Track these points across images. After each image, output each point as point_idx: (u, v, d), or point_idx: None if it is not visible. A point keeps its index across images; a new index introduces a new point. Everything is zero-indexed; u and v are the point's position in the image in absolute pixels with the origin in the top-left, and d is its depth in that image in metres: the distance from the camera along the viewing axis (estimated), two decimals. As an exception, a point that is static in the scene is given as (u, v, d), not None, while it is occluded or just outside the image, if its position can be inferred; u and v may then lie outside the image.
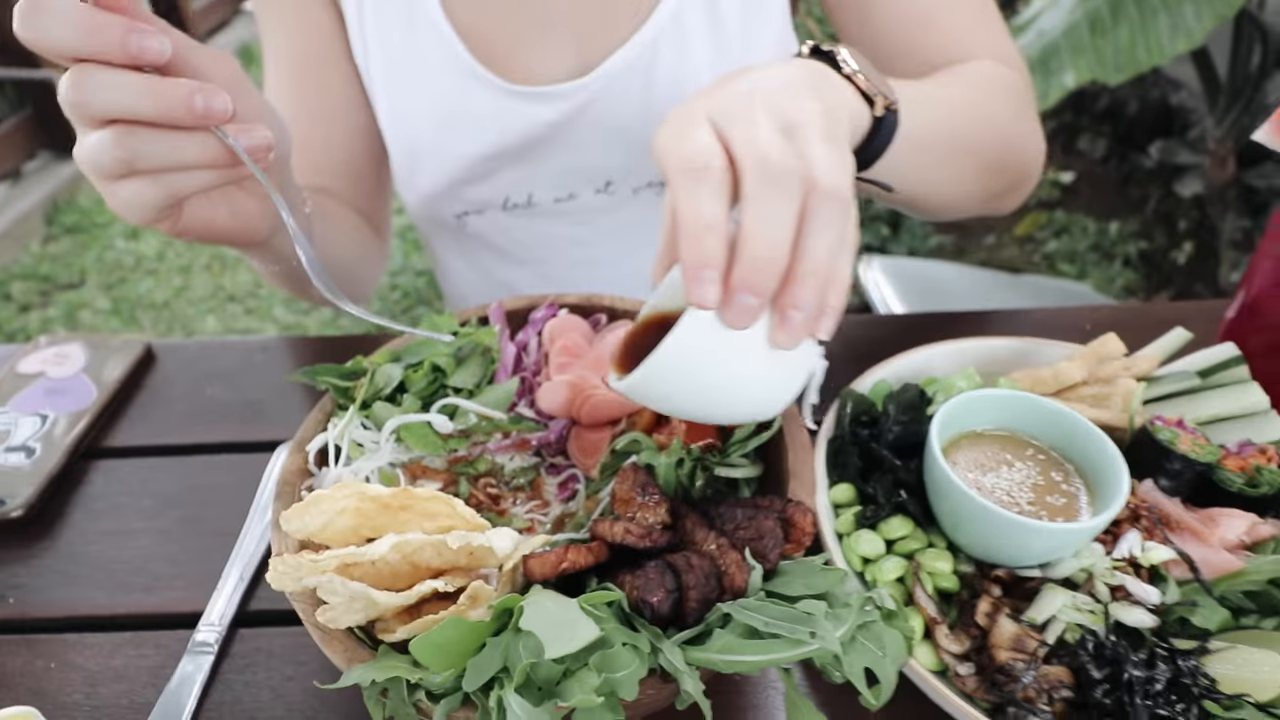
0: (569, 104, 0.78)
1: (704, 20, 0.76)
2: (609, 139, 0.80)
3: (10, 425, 0.68)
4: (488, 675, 0.35)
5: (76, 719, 0.51)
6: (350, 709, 0.51)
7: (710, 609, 0.39)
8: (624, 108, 0.79)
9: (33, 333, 2.66)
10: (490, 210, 0.86)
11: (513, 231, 0.88)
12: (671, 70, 0.77)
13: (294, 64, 0.81)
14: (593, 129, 0.80)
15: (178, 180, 0.47)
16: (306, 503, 0.41)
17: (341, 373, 0.55)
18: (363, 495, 0.41)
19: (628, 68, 0.77)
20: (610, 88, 0.78)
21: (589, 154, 0.81)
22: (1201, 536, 0.50)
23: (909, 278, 1.25)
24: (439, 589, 0.41)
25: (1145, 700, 0.43)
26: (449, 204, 0.85)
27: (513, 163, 0.82)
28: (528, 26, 0.77)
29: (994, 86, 0.68)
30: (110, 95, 0.44)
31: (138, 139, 0.45)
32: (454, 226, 0.88)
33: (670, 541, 0.43)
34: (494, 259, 0.91)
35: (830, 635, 0.35)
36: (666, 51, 0.77)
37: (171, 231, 0.51)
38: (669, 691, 0.38)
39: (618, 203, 0.85)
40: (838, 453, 0.57)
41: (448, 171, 0.82)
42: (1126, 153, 3.29)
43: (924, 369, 0.64)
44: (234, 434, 0.71)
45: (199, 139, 0.46)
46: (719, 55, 0.78)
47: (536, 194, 0.84)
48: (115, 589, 0.59)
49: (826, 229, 0.38)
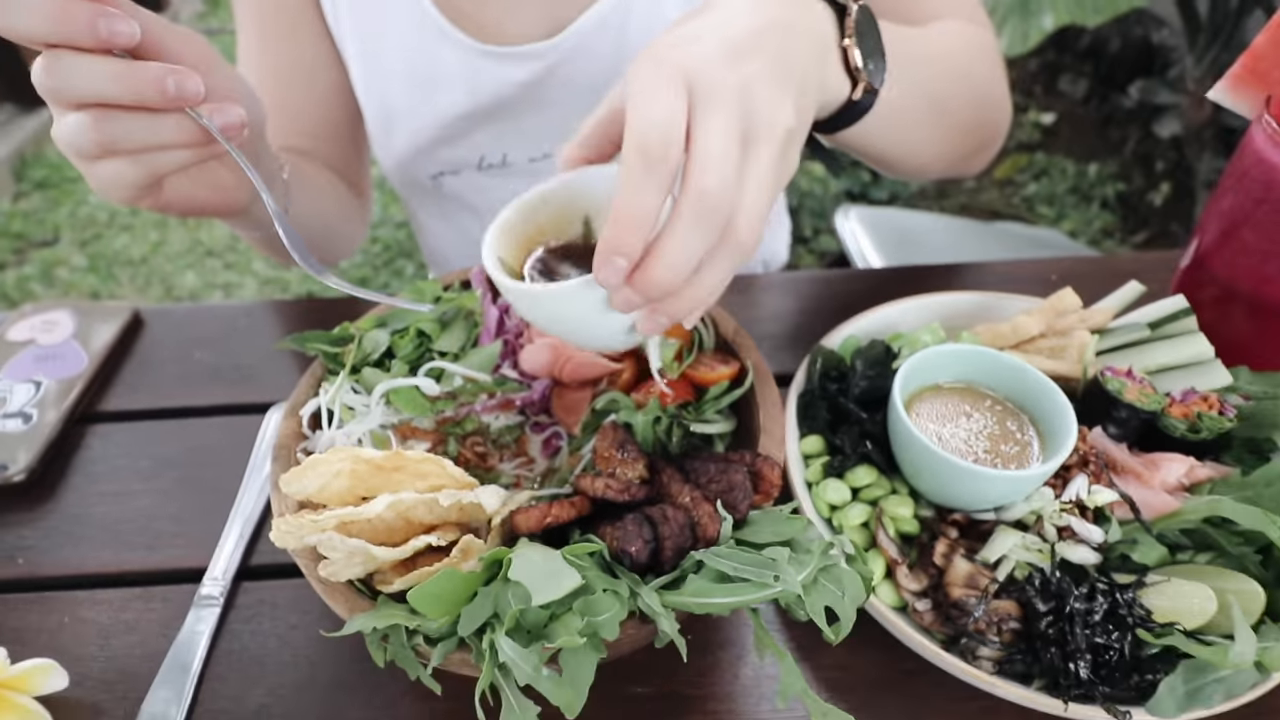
0: (541, 63, 0.78)
1: None
2: (582, 97, 0.81)
3: (5, 392, 0.70)
4: (480, 621, 0.38)
5: (93, 669, 0.54)
6: (352, 653, 0.54)
7: (685, 556, 0.42)
8: (596, 65, 0.79)
9: (9, 291, 2.63)
10: (466, 170, 0.86)
11: (489, 191, 0.89)
12: (644, 25, 0.77)
13: (264, 26, 0.80)
14: (565, 87, 0.80)
15: (156, 159, 0.48)
16: (304, 466, 0.43)
17: (330, 339, 0.57)
18: (357, 458, 0.43)
19: (600, 24, 0.77)
20: (582, 46, 0.78)
21: (562, 113, 0.82)
22: (1144, 479, 0.54)
23: (884, 228, 1.27)
24: (432, 543, 0.44)
25: (1085, 630, 0.47)
26: (424, 165, 0.86)
27: (486, 123, 0.82)
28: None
29: (969, 46, 0.69)
30: (83, 81, 0.45)
31: (114, 122, 0.46)
32: (430, 187, 0.88)
33: (648, 495, 0.46)
34: (471, 218, 0.92)
35: (792, 578, 0.38)
36: (640, 4, 0.77)
37: (154, 207, 0.52)
38: (647, 632, 0.42)
39: None
40: (808, 406, 0.60)
41: (421, 132, 0.82)
42: (1107, 93, 3.28)
43: (892, 324, 0.67)
44: (224, 397, 0.73)
45: (174, 120, 0.48)
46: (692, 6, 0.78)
47: (511, 154, 0.85)
48: (120, 547, 0.62)
49: (722, 267, 0.40)
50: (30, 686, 0.51)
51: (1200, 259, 0.61)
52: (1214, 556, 0.52)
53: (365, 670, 0.53)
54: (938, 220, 1.34)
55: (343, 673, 0.54)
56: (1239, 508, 0.49)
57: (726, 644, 0.54)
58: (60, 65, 0.45)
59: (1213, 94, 0.59)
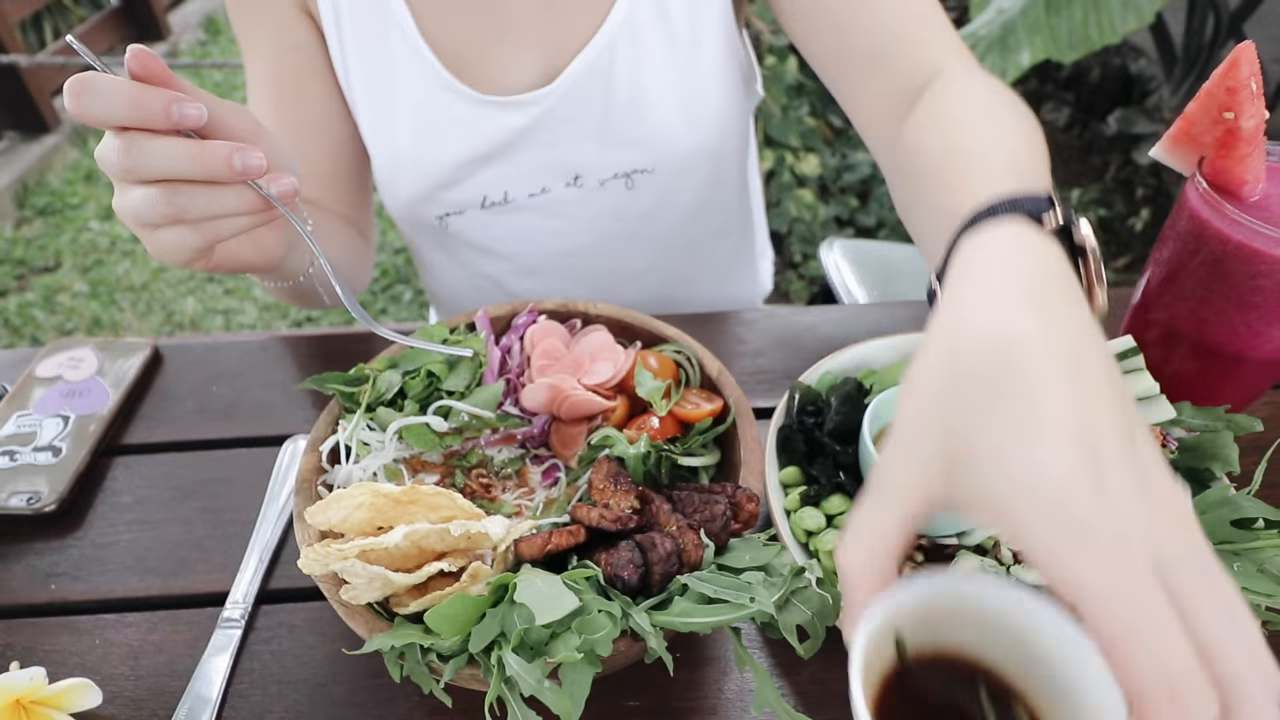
0: (538, 108, 0.84)
1: (654, 17, 0.82)
2: (575, 137, 0.87)
3: (36, 426, 0.74)
4: (488, 639, 0.43)
5: (123, 688, 0.58)
6: (366, 671, 0.58)
7: (671, 580, 0.47)
8: (587, 108, 0.85)
9: (10, 317, 2.67)
10: (470, 210, 0.92)
11: (492, 228, 0.94)
12: (629, 68, 0.83)
13: (276, 80, 0.85)
14: (560, 128, 0.86)
15: (218, 226, 0.53)
16: (329, 500, 0.48)
17: (346, 379, 0.61)
18: (376, 492, 0.48)
19: (589, 70, 0.83)
20: (573, 90, 0.84)
21: (558, 151, 0.88)
22: (1093, 506, 0.59)
23: (868, 260, 1.32)
24: (443, 569, 0.48)
25: (1035, 645, 0.52)
26: (430, 208, 0.91)
27: (487, 165, 0.88)
28: (493, 40, 0.82)
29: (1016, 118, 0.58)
30: (158, 161, 0.49)
31: (183, 196, 0.51)
32: (436, 228, 0.94)
33: (639, 523, 0.51)
34: (476, 254, 0.97)
35: (765, 599, 0.43)
36: (624, 50, 0.83)
37: (205, 268, 0.58)
38: (638, 649, 0.46)
39: (586, 195, 0.91)
40: (786, 439, 0.65)
41: (428, 178, 0.88)
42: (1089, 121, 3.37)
43: (867, 360, 0.72)
44: (241, 430, 0.78)
45: (236, 191, 0.53)
46: (671, 50, 0.84)
47: (511, 191, 0.90)
48: (146, 573, 0.66)
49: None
50: (67, 704, 0.55)
51: (1146, 302, 0.67)
52: (1156, 577, 0.57)
53: (378, 687, 0.58)
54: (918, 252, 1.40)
55: (357, 690, 0.58)
56: (1176, 533, 0.54)
57: (711, 660, 0.59)
58: (135, 147, 0.49)
59: (1153, 153, 0.64)
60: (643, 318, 0.68)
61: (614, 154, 0.88)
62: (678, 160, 0.89)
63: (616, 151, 0.88)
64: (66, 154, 3.41)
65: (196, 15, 4.45)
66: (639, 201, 0.91)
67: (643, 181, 0.90)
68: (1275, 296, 0.58)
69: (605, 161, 0.89)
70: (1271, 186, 0.61)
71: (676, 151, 0.88)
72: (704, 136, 0.88)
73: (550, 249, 0.96)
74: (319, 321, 2.66)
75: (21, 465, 0.71)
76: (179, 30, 4.26)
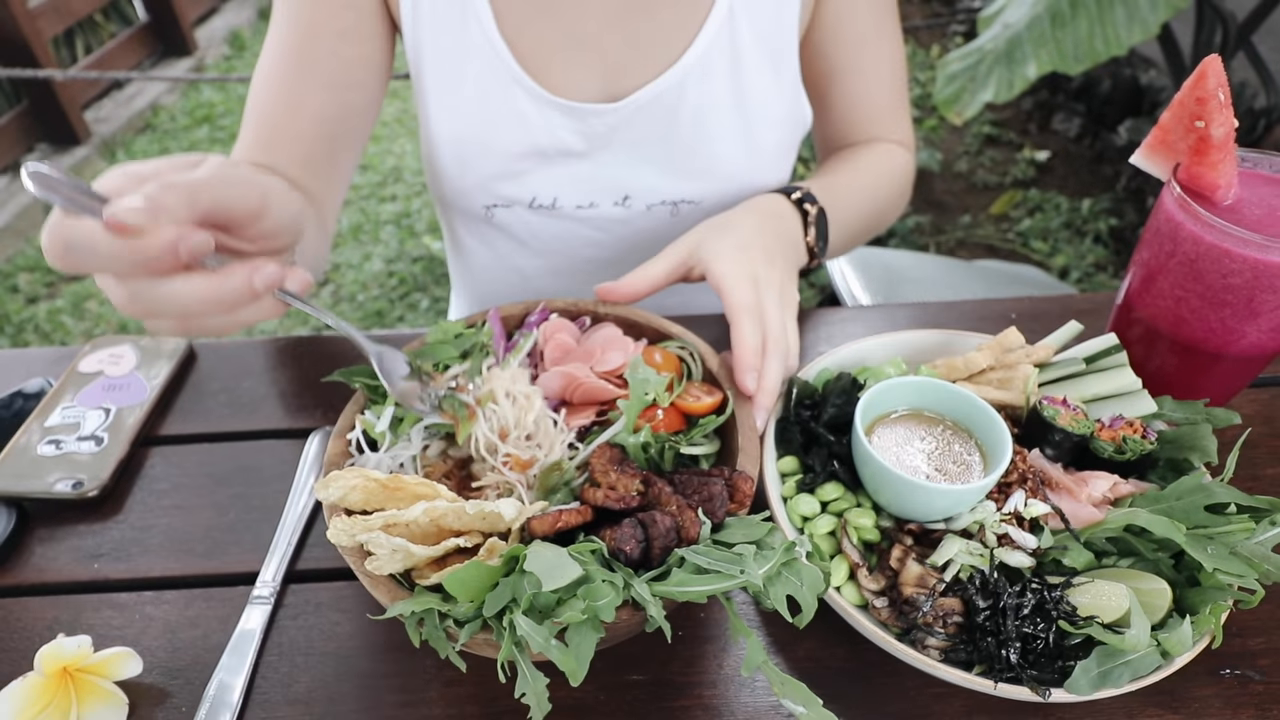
0: (599, 122, 0.88)
1: (728, 63, 0.87)
2: (631, 159, 0.91)
3: (79, 418, 0.79)
4: (501, 604, 0.47)
5: (161, 658, 0.63)
6: (388, 645, 0.62)
7: (670, 554, 0.51)
8: (648, 135, 0.90)
9: (41, 323, 2.75)
10: (517, 207, 0.95)
11: (534, 227, 0.97)
12: (694, 106, 0.88)
13: (312, 30, 0.83)
14: (617, 148, 0.90)
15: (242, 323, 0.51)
16: (328, 478, 0.53)
17: (370, 373, 0.65)
18: (366, 477, 0.53)
19: (654, 100, 0.88)
20: (636, 116, 0.88)
21: (612, 170, 0.92)
22: (1074, 494, 0.62)
23: (872, 266, 1.36)
24: (461, 545, 0.52)
25: (1015, 621, 0.55)
26: (481, 196, 0.94)
27: (543, 165, 0.91)
28: (561, 43, 0.86)
29: (893, 179, 1.00)
30: (178, 304, 0.46)
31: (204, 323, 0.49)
32: (481, 216, 0.97)
33: (642, 503, 0.54)
34: (513, 247, 1.01)
35: (754, 570, 0.46)
36: (692, 91, 0.88)
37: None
38: (639, 618, 0.50)
39: (633, 216, 0.96)
40: (784, 430, 0.68)
41: (486, 165, 0.90)
42: (1099, 131, 3.39)
43: (862, 358, 0.76)
44: (271, 422, 0.82)
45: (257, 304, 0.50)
46: (739, 94, 0.89)
47: (561, 198, 0.94)
48: (183, 555, 0.70)
49: (782, 366, 0.67)
50: (111, 672, 0.60)
51: (1129, 302, 0.70)
52: (1134, 561, 0.60)
53: (399, 659, 0.62)
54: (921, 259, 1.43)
55: (378, 663, 0.62)
56: (1151, 517, 0.57)
57: (712, 639, 0.62)
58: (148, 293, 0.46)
59: (1134, 159, 0.67)
60: (648, 315, 0.72)
61: (668, 182, 0.93)
62: (726, 196, 0.93)
63: (671, 180, 0.93)
64: (96, 165, 3.51)
65: (222, 30, 4.56)
66: (679, 228, 0.94)
67: (688, 211, 0.96)
68: (1246, 295, 0.61)
69: (658, 188, 0.94)
70: (1244, 191, 0.64)
71: (728, 188, 0.93)
72: (757, 175, 0.94)
73: (583, 256, 1.00)
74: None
75: (66, 454, 0.75)
76: (205, 45, 4.37)
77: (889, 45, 0.97)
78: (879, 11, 0.94)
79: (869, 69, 0.96)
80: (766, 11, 0.87)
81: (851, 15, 0.92)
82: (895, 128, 1.02)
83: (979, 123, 3.60)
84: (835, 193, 0.88)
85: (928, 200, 3.21)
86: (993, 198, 3.20)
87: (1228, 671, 0.60)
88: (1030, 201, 3.14)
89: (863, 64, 0.96)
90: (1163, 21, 1.91)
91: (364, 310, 2.77)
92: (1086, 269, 2.81)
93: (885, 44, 0.96)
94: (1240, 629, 0.62)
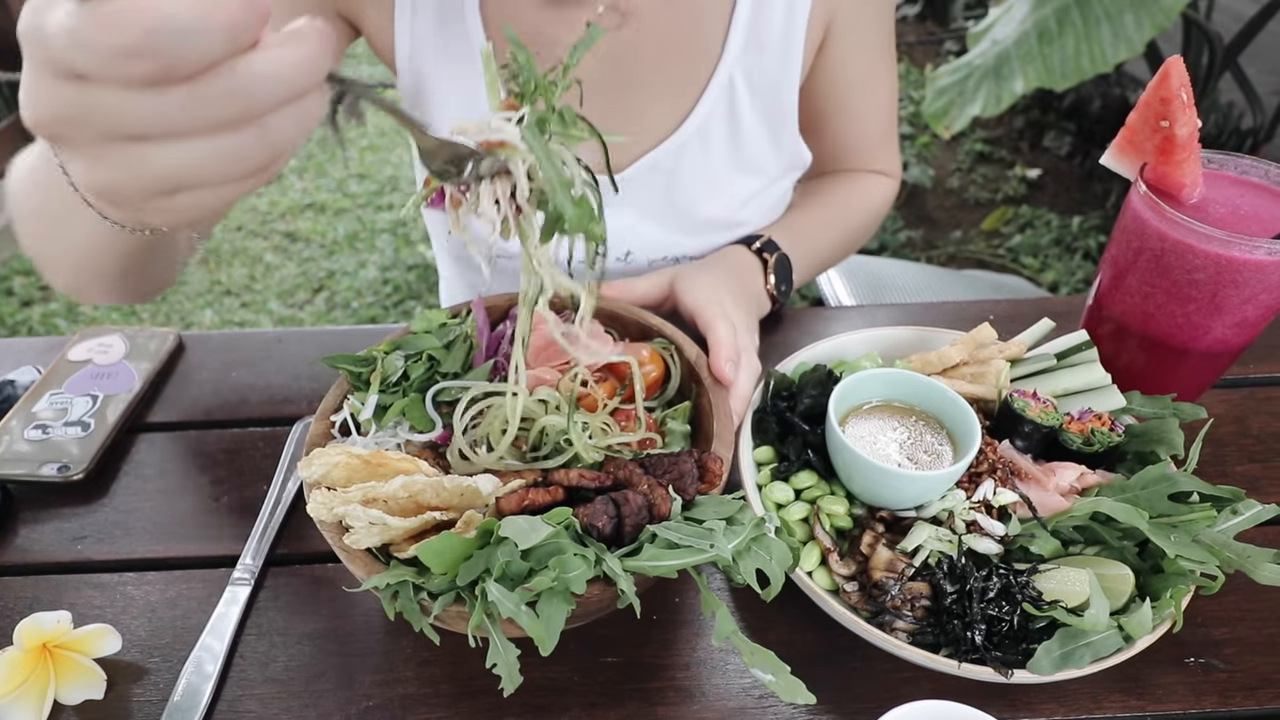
0: None
1: (726, 131, 0.90)
2: (634, 218, 0.94)
3: (67, 404, 0.80)
4: (474, 575, 0.47)
5: (141, 637, 0.63)
6: (365, 627, 0.63)
7: (642, 530, 0.52)
8: (649, 198, 0.93)
9: (35, 327, 2.75)
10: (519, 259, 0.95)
11: None
12: (692, 171, 0.91)
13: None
14: (620, 208, 0.93)
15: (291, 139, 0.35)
16: (312, 456, 0.53)
17: (355, 360, 0.67)
18: (349, 454, 0.53)
19: (653, 167, 0.90)
20: (636, 181, 0.91)
21: (614, 226, 0.94)
22: (1042, 483, 0.63)
23: (859, 274, 1.37)
24: (438, 519, 0.53)
25: (981, 604, 0.56)
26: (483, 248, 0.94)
27: None
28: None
29: (869, 210, 1.05)
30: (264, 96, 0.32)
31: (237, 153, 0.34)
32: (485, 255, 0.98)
33: (614, 483, 0.55)
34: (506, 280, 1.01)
35: (723, 544, 0.47)
36: (691, 157, 0.90)
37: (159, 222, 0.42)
38: (611, 594, 0.51)
39: (635, 269, 0.98)
40: (760, 421, 0.70)
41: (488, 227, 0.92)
42: (1089, 149, 3.43)
43: (839, 353, 0.77)
44: (256, 411, 0.83)
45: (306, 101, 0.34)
46: (737, 160, 0.92)
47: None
48: (165, 537, 0.71)
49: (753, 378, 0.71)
50: (89, 649, 0.60)
51: (1099, 300, 0.71)
52: (1100, 549, 0.61)
53: (374, 641, 0.62)
54: (907, 267, 1.45)
55: (355, 643, 0.63)
56: (1116, 505, 0.58)
57: (686, 623, 0.63)
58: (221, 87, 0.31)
59: (1104, 159, 0.69)
60: (630, 308, 0.74)
61: (670, 238, 0.96)
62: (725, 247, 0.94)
63: (673, 236, 0.95)
64: (93, 171, 3.52)
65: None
66: None
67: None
68: (1210, 290, 0.62)
69: (660, 244, 0.96)
70: (1210, 191, 0.66)
71: (729, 239, 0.95)
72: (759, 224, 0.97)
73: None
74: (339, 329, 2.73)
75: (53, 439, 0.76)
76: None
77: (883, 84, 0.99)
78: (874, 54, 0.96)
79: (862, 108, 0.99)
80: (767, 79, 0.89)
81: (846, 62, 0.94)
82: (882, 158, 1.05)
83: (971, 140, 3.64)
84: (802, 231, 0.95)
85: (920, 215, 3.24)
86: (984, 214, 3.23)
87: (1192, 660, 0.61)
88: (1021, 218, 3.17)
89: (856, 104, 0.98)
90: (1148, 40, 1.95)
91: (358, 317, 2.78)
92: (1076, 285, 2.83)
93: (879, 84, 0.98)
94: (1205, 619, 0.63)
